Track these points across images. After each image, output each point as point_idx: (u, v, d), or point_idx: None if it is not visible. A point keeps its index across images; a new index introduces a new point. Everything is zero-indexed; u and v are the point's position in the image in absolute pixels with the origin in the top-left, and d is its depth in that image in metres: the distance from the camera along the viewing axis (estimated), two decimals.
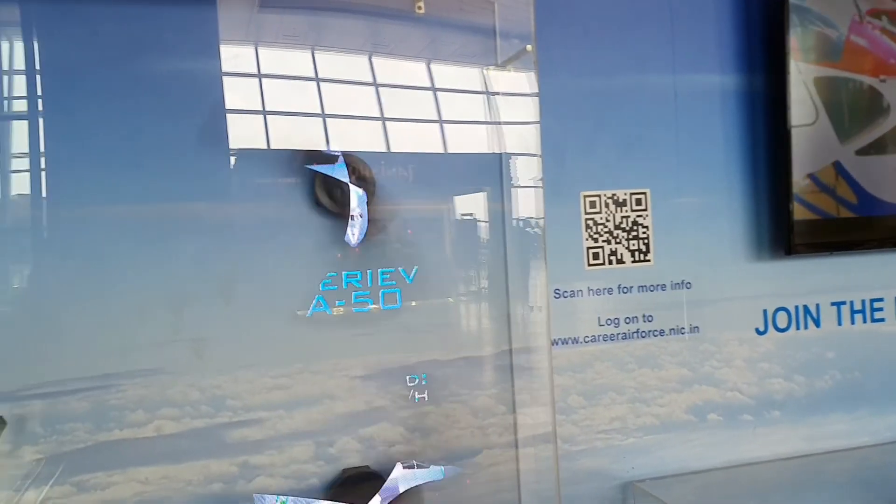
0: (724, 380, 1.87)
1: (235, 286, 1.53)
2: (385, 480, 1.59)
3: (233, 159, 1.50)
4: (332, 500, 1.55)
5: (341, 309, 1.60)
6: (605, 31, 1.81)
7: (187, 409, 1.49)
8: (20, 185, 1.39)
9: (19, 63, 1.41)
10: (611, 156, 1.80)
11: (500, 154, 1.71)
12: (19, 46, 1.41)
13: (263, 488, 1.53)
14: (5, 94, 1.40)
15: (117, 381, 1.45)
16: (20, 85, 1.41)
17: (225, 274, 1.52)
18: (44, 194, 1.39)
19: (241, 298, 1.53)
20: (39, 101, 1.40)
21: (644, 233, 1.83)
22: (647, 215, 1.83)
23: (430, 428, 1.66)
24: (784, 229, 1.86)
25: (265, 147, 1.53)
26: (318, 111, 1.60)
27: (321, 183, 1.57)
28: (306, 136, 1.55)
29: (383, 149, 1.61)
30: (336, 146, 1.55)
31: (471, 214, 1.69)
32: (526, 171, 1.73)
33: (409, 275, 1.62)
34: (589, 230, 1.78)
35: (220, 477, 1.51)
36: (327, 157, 1.55)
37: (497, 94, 1.68)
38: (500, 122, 1.69)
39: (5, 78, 1.41)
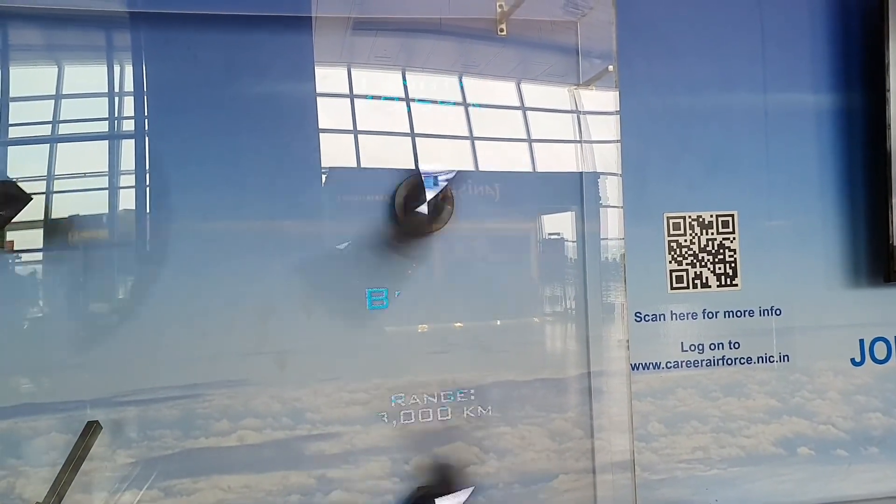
0: (817, 412, 1.85)
1: (317, 301, 1.63)
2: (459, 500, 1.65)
3: (324, 177, 1.60)
4: None
5: (420, 325, 1.68)
6: (690, 48, 1.84)
7: (269, 421, 1.59)
8: (126, 200, 1.54)
9: (128, 86, 1.56)
10: (696, 176, 1.83)
11: (581, 173, 1.76)
12: (129, 70, 1.57)
13: (340, 502, 1.61)
14: (115, 115, 1.55)
15: (204, 390, 1.56)
16: (128, 106, 1.56)
17: (308, 289, 1.63)
18: (147, 210, 1.53)
19: (322, 313, 1.63)
20: (145, 121, 1.55)
21: (731, 256, 1.83)
22: (734, 238, 1.84)
23: (505, 449, 1.71)
24: (883, 255, 1.84)
25: (355, 166, 1.63)
26: (408, 130, 1.70)
27: (400, 201, 1.66)
28: (395, 156, 1.65)
29: (469, 167, 1.69)
30: (424, 165, 1.64)
31: (554, 234, 1.74)
32: (607, 191, 1.78)
33: (487, 294, 1.69)
34: (672, 252, 1.81)
35: (299, 488, 1.60)
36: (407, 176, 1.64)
37: (579, 112, 1.74)
38: (580, 141, 1.75)
39: (115, 99, 1.56)
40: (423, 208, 1.65)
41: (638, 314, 1.78)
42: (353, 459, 1.63)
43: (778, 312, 1.85)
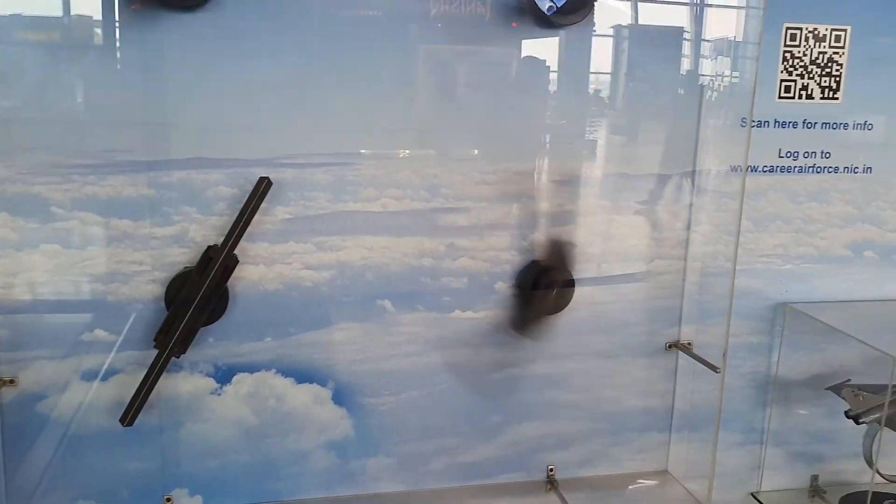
0: (887, 221, 2.06)
1: (456, 87, 1.77)
2: (572, 276, 1.89)
3: None
4: (520, 284, 1.87)
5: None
6: None
7: (408, 192, 1.78)
8: None
9: None
10: None
11: None
12: None
13: (465, 267, 1.85)
14: None
15: (355, 160, 1.73)
16: None
17: (448, 74, 1.76)
18: None
19: (461, 97, 1.78)
20: None
21: (837, 70, 1.95)
22: (843, 53, 1.95)
23: (611, 235, 1.94)
24: None
25: None
26: None
27: None
28: None
29: None
30: None
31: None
32: None
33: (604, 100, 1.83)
34: (786, 63, 1.92)
35: (431, 253, 1.83)
36: None
37: None
38: None
39: None
40: None
41: (743, 120, 1.92)
42: (479, 232, 1.84)
43: (870, 127, 2.01)
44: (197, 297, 1.63)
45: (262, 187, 1.64)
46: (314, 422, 1.84)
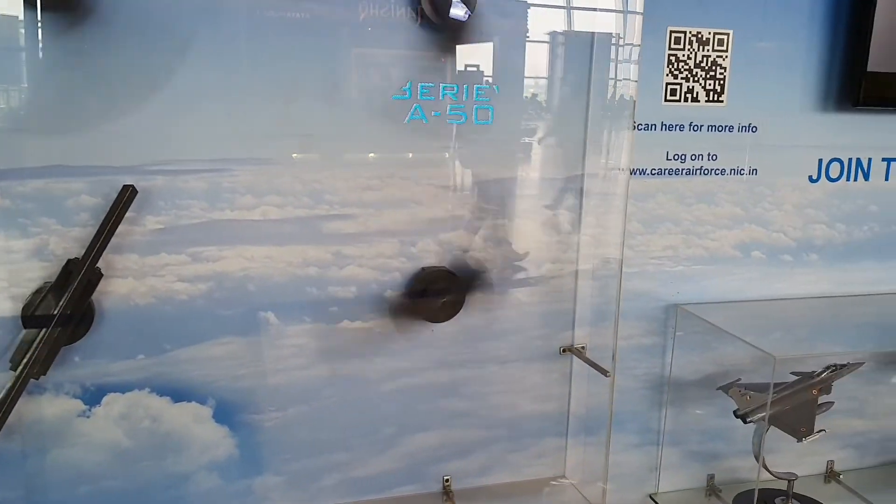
0: (773, 221, 2.10)
1: (340, 90, 1.71)
2: (458, 279, 1.86)
3: None
4: (411, 293, 1.83)
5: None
6: None
7: (290, 199, 1.72)
8: None
9: None
10: None
11: None
12: None
13: (353, 276, 1.79)
14: None
15: (231, 165, 1.66)
16: None
17: (331, 76, 1.70)
18: None
19: (344, 101, 1.72)
20: None
21: (721, 74, 1.98)
22: (726, 56, 1.98)
23: (502, 239, 1.91)
24: (856, 81, 2.03)
25: None
26: None
27: None
28: None
29: None
30: None
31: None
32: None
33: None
34: (671, 66, 1.94)
35: (316, 262, 1.76)
36: None
37: None
38: None
39: None
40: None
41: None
42: (366, 239, 1.79)
43: (754, 130, 2.04)
44: (56, 314, 1.52)
45: (126, 196, 1.55)
46: (194, 442, 1.75)
